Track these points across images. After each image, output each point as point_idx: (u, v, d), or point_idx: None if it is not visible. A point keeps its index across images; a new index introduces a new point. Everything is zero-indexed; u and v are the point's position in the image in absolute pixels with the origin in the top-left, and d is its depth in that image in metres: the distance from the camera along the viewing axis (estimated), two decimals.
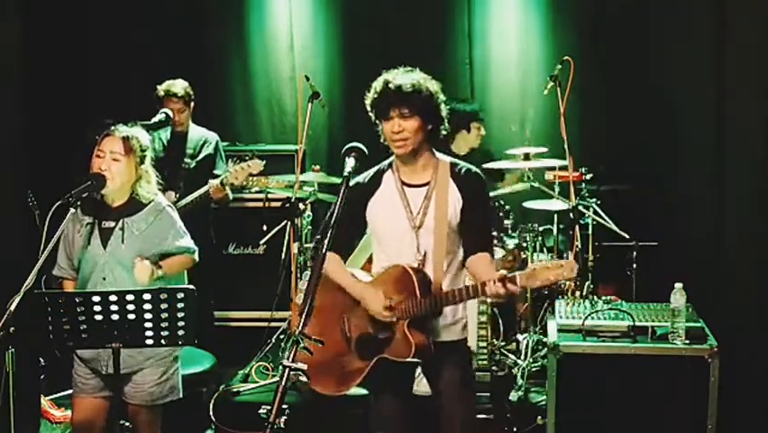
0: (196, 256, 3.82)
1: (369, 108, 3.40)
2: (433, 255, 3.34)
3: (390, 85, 3.30)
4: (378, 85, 3.35)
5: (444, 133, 3.43)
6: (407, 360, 3.27)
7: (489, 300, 3.23)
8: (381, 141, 3.42)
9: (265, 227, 5.74)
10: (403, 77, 3.32)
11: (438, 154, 3.45)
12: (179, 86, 5.43)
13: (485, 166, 5.16)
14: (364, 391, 3.64)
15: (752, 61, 4.50)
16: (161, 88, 5.42)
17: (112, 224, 3.65)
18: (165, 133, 5.54)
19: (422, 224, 3.36)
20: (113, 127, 3.67)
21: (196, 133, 5.57)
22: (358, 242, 3.74)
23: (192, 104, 5.52)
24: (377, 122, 3.39)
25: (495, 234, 5.23)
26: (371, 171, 3.49)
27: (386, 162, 3.50)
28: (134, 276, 3.57)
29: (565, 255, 5.43)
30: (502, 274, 3.10)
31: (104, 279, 3.60)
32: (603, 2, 6.12)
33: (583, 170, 5.56)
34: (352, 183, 3.25)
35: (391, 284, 3.32)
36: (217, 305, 5.97)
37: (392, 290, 3.31)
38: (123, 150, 3.61)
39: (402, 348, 3.26)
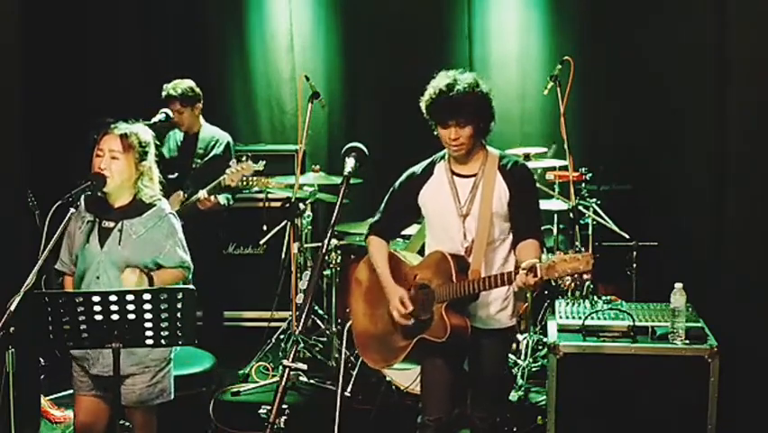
0: (190, 275, 3.76)
1: (423, 112, 3.50)
2: (476, 243, 3.46)
3: (446, 94, 3.41)
4: (433, 92, 3.46)
5: (493, 126, 3.55)
6: (444, 341, 3.39)
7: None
8: (434, 134, 3.55)
9: (265, 227, 5.74)
10: (457, 85, 3.41)
11: (488, 147, 3.59)
12: (180, 86, 5.43)
13: None
14: None
15: (752, 62, 4.50)
16: (164, 90, 5.42)
17: (111, 224, 3.63)
18: (179, 134, 5.56)
19: (468, 212, 3.51)
20: (112, 125, 3.66)
21: (208, 133, 5.57)
22: (406, 228, 3.97)
23: (198, 104, 5.49)
24: (432, 124, 3.51)
25: None
26: (425, 162, 3.66)
27: (439, 154, 3.65)
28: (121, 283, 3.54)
29: (583, 249, 5.41)
30: (529, 264, 3.22)
31: (97, 278, 3.59)
32: (603, 1, 6.12)
33: (583, 170, 5.56)
34: (407, 173, 3.61)
35: (431, 268, 3.51)
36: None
37: (432, 273, 3.50)
38: (122, 147, 3.59)
39: (439, 330, 3.41)
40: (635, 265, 5.33)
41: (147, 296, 3.22)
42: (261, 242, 5.80)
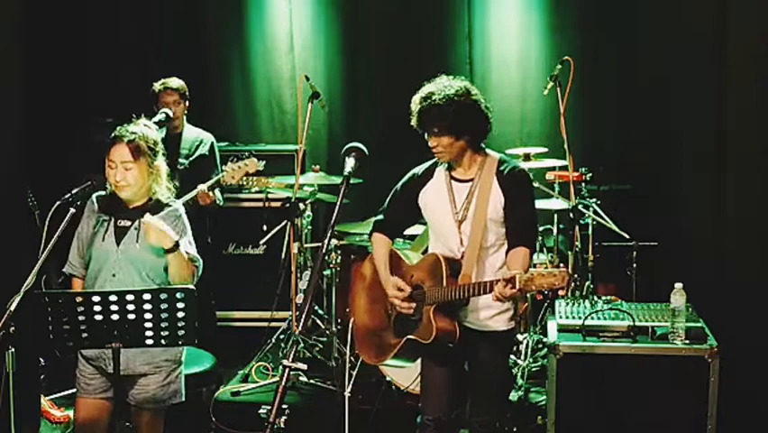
0: (200, 272, 3.77)
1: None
2: (468, 247, 3.48)
3: (421, 105, 3.47)
4: (413, 102, 3.51)
5: (488, 131, 3.55)
6: (429, 343, 3.41)
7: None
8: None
9: (265, 227, 5.74)
10: (434, 96, 3.43)
11: (489, 151, 3.59)
12: (176, 81, 5.44)
13: None
14: None
15: (752, 63, 4.50)
16: (157, 84, 5.42)
17: (128, 223, 3.64)
18: (160, 133, 5.53)
19: (464, 217, 3.52)
20: (118, 129, 3.64)
21: (192, 133, 5.56)
22: (408, 228, 3.98)
23: (187, 102, 5.50)
24: None
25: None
26: (428, 164, 3.68)
27: None
28: (147, 222, 3.49)
29: (561, 264, 5.42)
30: (509, 275, 3.20)
31: (113, 276, 3.59)
32: (603, 2, 6.12)
33: (583, 170, 5.56)
34: (409, 174, 3.65)
35: (425, 270, 3.54)
36: (217, 305, 5.96)
37: (425, 275, 3.53)
38: (132, 156, 3.58)
39: (426, 332, 3.44)
40: (635, 265, 5.33)
41: (147, 296, 3.24)
42: (261, 242, 5.80)
